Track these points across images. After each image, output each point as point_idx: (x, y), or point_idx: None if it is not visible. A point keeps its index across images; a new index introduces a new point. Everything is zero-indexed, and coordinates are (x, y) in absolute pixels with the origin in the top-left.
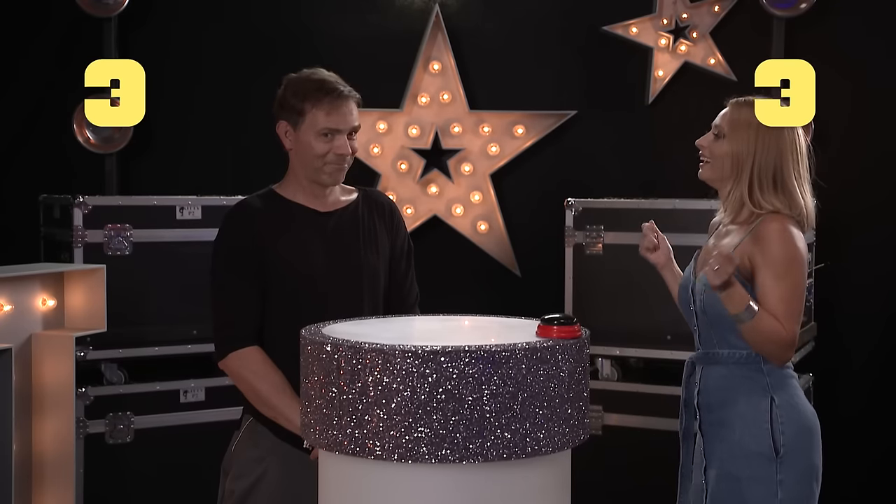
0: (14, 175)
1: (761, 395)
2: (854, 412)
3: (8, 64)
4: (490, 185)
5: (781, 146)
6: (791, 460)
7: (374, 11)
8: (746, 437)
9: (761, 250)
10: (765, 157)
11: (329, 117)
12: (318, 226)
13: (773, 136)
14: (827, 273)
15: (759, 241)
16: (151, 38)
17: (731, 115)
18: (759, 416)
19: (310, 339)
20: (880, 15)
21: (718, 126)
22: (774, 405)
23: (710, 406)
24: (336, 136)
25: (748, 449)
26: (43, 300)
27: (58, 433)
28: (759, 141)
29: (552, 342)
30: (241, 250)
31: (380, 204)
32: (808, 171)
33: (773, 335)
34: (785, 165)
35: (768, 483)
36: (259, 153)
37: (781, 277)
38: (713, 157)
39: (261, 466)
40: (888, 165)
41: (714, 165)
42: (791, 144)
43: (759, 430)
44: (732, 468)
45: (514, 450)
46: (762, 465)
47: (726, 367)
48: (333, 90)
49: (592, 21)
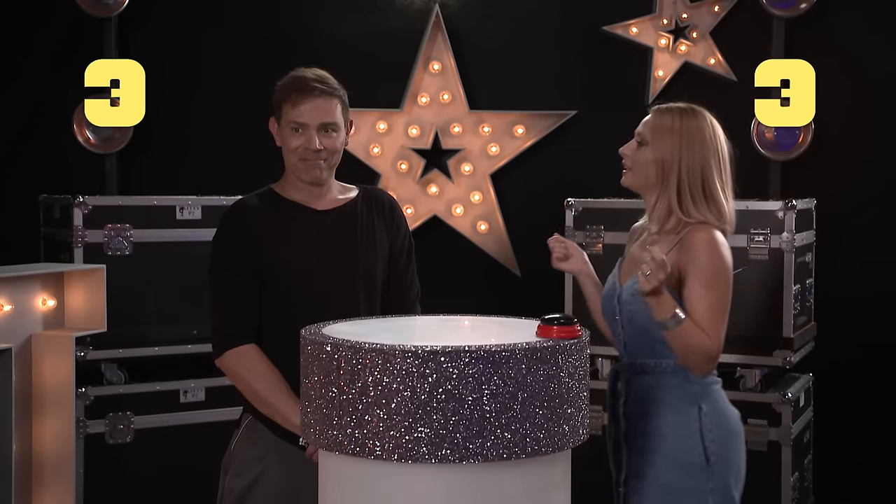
0: (14, 175)
1: (689, 404)
2: (854, 412)
3: (8, 64)
4: (490, 185)
5: (705, 153)
6: (720, 467)
7: (374, 11)
8: (678, 447)
9: (690, 260)
10: (690, 164)
11: (294, 110)
12: (315, 224)
13: (697, 142)
14: (827, 273)
15: (688, 250)
16: (151, 38)
17: (654, 122)
18: (690, 425)
19: (310, 339)
20: (880, 15)
21: (641, 133)
22: (702, 413)
23: (637, 416)
24: (304, 129)
25: (681, 459)
26: (43, 300)
27: (58, 433)
28: (684, 148)
29: (552, 342)
30: (238, 249)
31: (380, 201)
32: (731, 175)
33: (699, 346)
34: (710, 172)
35: (701, 493)
36: (259, 153)
37: (710, 287)
38: (636, 165)
39: (260, 465)
40: (888, 165)
41: (637, 173)
42: (714, 151)
43: (690, 440)
44: (667, 479)
45: (514, 450)
46: (695, 474)
47: (653, 377)
48: (303, 86)
49: (592, 21)
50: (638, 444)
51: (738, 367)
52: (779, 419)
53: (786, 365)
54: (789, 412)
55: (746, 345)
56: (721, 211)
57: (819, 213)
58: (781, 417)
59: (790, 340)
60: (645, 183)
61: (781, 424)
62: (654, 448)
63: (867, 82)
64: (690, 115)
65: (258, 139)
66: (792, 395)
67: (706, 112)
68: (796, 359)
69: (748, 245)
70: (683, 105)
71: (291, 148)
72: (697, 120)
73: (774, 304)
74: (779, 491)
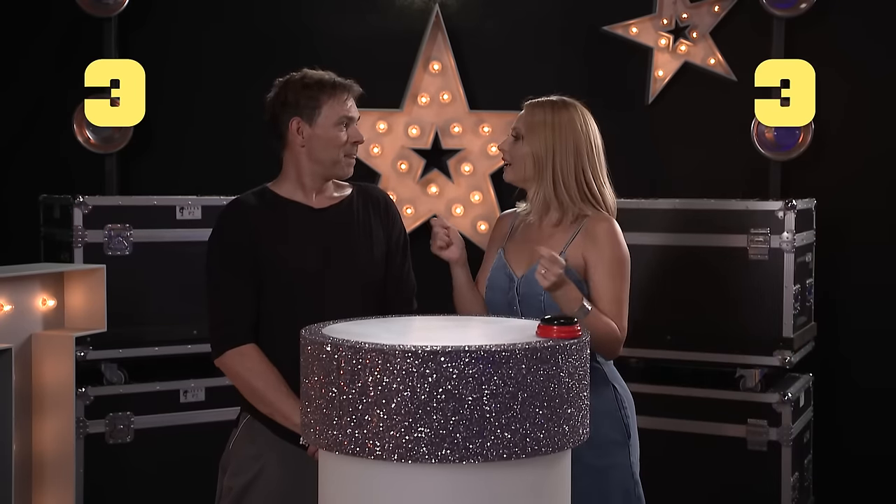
0: (14, 175)
1: (604, 385)
2: (854, 412)
3: (8, 64)
4: (490, 185)
5: (577, 143)
6: (633, 441)
7: (374, 11)
8: (601, 427)
9: (595, 250)
10: (563, 155)
11: (343, 105)
12: (312, 222)
13: (570, 133)
14: (827, 273)
15: (592, 240)
16: (151, 38)
17: (527, 116)
18: (609, 405)
19: (310, 339)
20: (880, 15)
21: (516, 128)
22: (616, 392)
23: None
24: (351, 124)
25: (605, 438)
26: (43, 300)
27: (58, 433)
28: (557, 140)
29: (552, 342)
30: (236, 248)
31: (375, 198)
32: (605, 162)
33: (608, 334)
34: (583, 162)
35: (624, 467)
36: (259, 153)
37: (615, 277)
38: (514, 160)
39: (258, 463)
40: (888, 165)
41: (516, 167)
42: (587, 141)
43: (612, 418)
44: (591, 460)
45: (514, 450)
46: (617, 451)
47: None
48: (341, 83)
49: (592, 21)
50: None
51: (738, 367)
52: (779, 419)
53: (786, 365)
54: (789, 412)
55: (746, 345)
56: (598, 200)
57: (819, 213)
58: (781, 417)
59: (790, 340)
60: (524, 176)
61: (781, 424)
62: None
63: (867, 82)
64: (561, 107)
65: (258, 139)
66: (792, 395)
67: (578, 104)
68: (796, 359)
69: (748, 245)
70: (555, 98)
71: (339, 143)
72: (569, 112)
73: (774, 304)
74: (779, 491)
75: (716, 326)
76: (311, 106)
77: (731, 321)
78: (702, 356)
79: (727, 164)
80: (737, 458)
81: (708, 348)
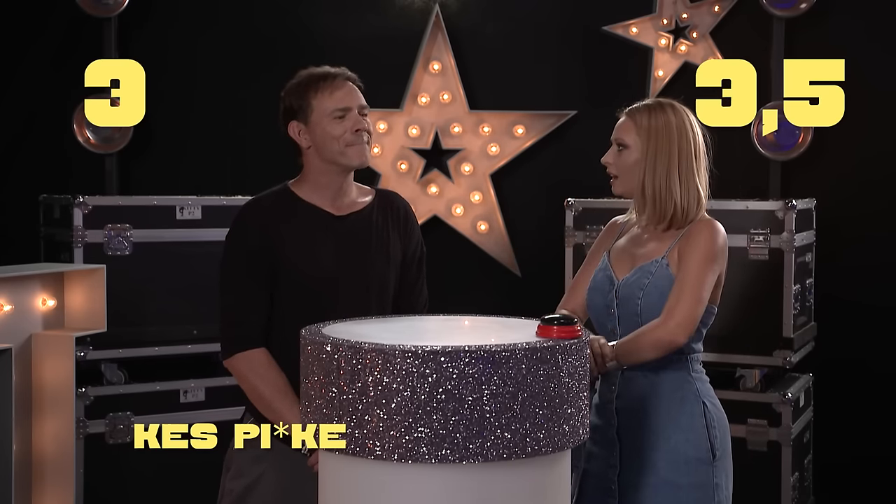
0: (14, 175)
1: (693, 400)
2: (854, 412)
3: (8, 64)
4: (490, 185)
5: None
6: (722, 462)
7: (374, 11)
8: (684, 443)
9: (688, 248)
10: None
11: (333, 97)
12: (330, 229)
13: (672, 136)
14: (827, 273)
15: (689, 241)
16: (151, 38)
17: (627, 124)
18: (695, 421)
19: (310, 339)
20: (879, 15)
21: (617, 138)
22: (706, 410)
23: (632, 411)
24: (347, 113)
25: (687, 455)
26: (43, 300)
27: (58, 433)
28: (660, 143)
29: (552, 342)
30: (251, 250)
31: (395, 208)
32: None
33: (655, 344)
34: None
35: (706, 487)
36: (259, 153)
37: (706, 262)
38: (621, 171)
39: (260, 466)
40: (887, 165)
41: (624, 179)
42: (688, 141)
43: (697, 435)
44: (671, 476)
45: (514, 450)
46: (701, 470)
47: (653, 372)
48: (332, 75)
49: (592, 21)
50: (636, 440)
51: (738, 367)
52: (779, 419)
53: (786, 365)
54: (789, 412)
55: (746, 345)
56: (702, 203)
57: (819, 213)
58: (781, 417)
59: (790, 340)
60: (632, 187)
61: (781, 424)
62: (656, 444)
63: (866, 82)
64: (659, 110)
65: (258, 139)
66: (792, 395)
67: (675, 102)
68: (796, 359)
69: (748, 245)
70: (651, 102)
71: (336, 135)
72: (666, 114)
73: (774, 304)
74: (779, 491)
75: (716, 326)
76: (303, 106)
77: (731, 321)
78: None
79: (727, 164)
80: (737, 458)
81: (708, 348)
